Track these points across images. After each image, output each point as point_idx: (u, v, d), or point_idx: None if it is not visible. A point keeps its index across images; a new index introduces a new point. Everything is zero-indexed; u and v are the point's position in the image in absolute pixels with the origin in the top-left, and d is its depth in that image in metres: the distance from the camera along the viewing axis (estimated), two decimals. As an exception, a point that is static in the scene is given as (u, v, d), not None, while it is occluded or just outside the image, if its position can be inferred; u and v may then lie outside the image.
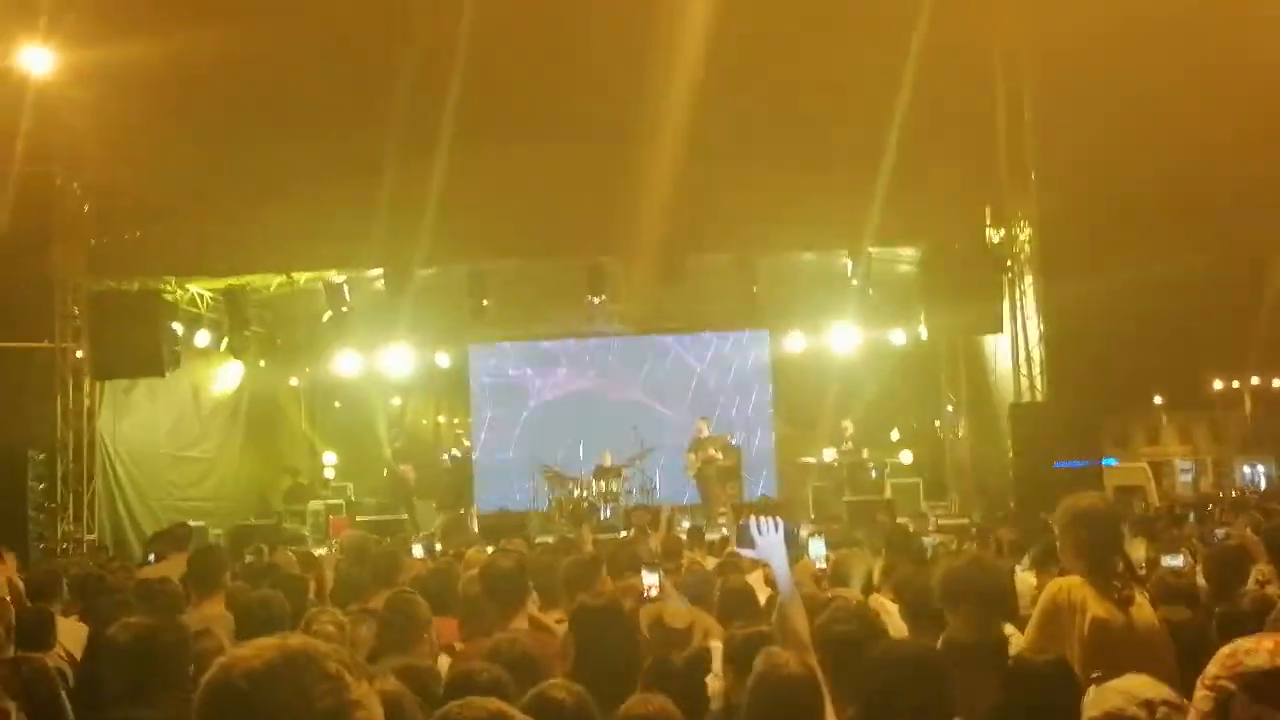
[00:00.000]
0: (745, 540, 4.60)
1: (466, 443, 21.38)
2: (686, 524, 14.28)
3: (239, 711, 1.74)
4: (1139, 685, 3.11)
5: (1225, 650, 2.40)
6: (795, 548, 5.76)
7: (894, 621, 5.11)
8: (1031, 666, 3.81)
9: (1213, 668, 2.43)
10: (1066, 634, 4.35)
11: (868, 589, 5.73)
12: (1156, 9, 14.77)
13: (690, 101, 15.09)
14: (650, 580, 5.80)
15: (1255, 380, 46.53)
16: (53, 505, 16.42)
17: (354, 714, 1.77)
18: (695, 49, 14.53)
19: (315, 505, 19.62)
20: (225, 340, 18.84)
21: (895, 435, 21.36)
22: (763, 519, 4.46)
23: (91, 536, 16.62)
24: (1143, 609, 4.49)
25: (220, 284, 18.16)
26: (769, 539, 4.45)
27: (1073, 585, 4.48)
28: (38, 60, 15.14)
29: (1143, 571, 6.06)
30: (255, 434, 21.04)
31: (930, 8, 15.02)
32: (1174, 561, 6.91)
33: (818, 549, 6.79)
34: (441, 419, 22.42)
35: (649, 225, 16.07)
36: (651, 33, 14.71)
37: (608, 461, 19.65)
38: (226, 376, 20.15)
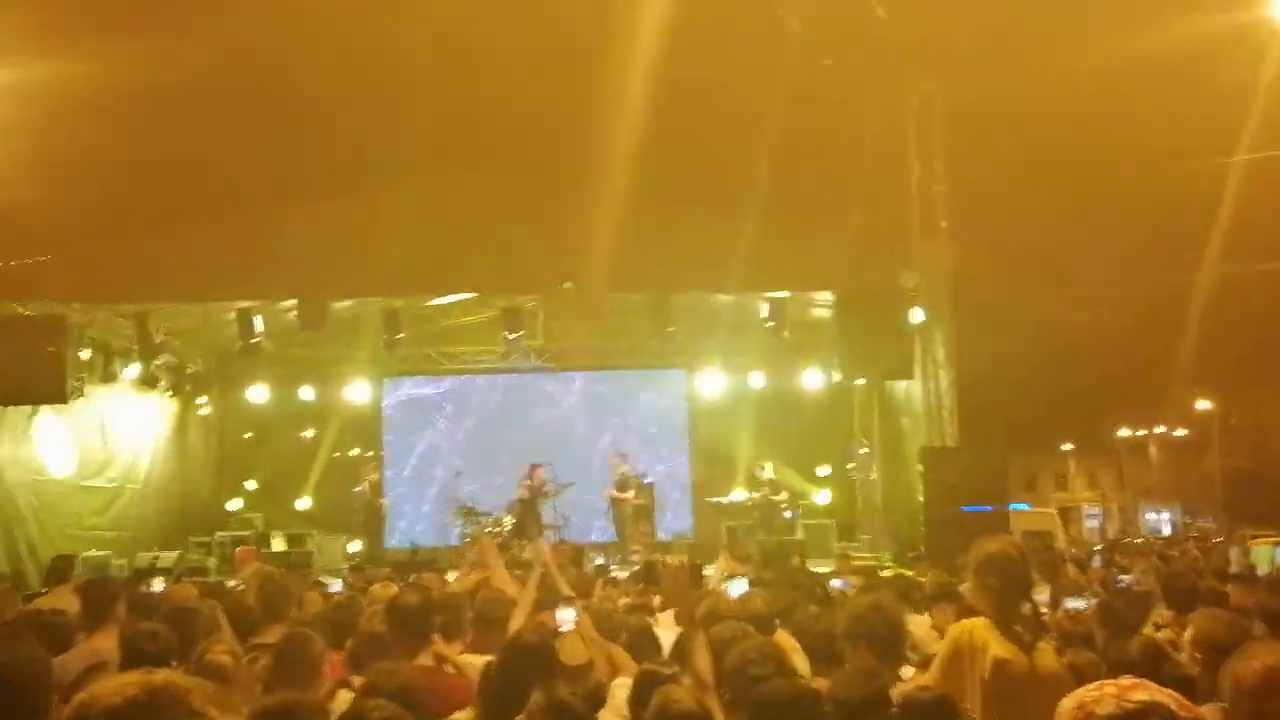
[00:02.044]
0: (650, 577, 4.62)
1: (376, 476, 21.12)
2: (599, 560, 14.25)
3: None
4: None
5: (1070, 703, 2.37)
6: (700, 587, 5.77)
7: (800, 660, 5.14)
8: (918, 703, 3.85)
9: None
10: (968, 675, 4.40)
11: (768, 629, 5.74)
12: (1069, 68, 15.17)
13: (611, 142, 15.17)
14: (564, 616, 5.76)
15: (1160, 429, 47.67)
16: (-53, 533, 15.95)
17: None
18: (618, 91, 14.63)
19: (222, 536, 19.28)
20: (134, 368, 18.49)
21: (822, 472, 21.51)
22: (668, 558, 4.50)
23: (-14, 566, 16.15)
24: (1045, 653, 4.55)
25: (130, 310, 17.82)
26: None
27: (976, 627, 4.54)
28: (-54, 78, 14.84)
29: (1045, 614, 6.15)
30: (162, 464, 20.64)
31: (848, 61, 15.29)
32: (1076, 604, 7.02)
33: (739, 589, 6.81)
34: (354, 452, 22.15)
35: (567, 263, 16.10)
36: (576, 73, 14.80)
37: (520, 497, 19.53)
38: (134, 404, 19.75)
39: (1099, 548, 21.41)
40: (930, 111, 16.80)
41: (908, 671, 5.17)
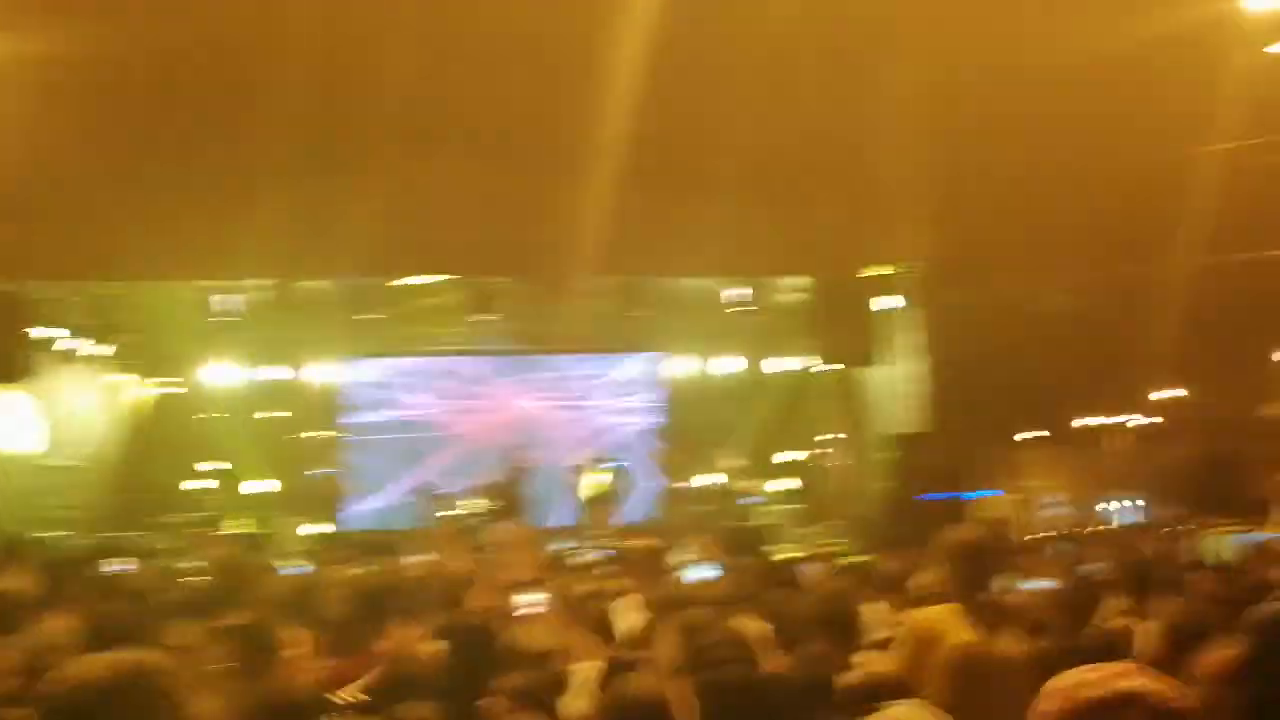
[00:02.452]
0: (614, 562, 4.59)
1: (336, 457, 21.01)
2: (564, 545, 14.23)
3: None
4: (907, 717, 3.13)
5: (1054, 689, 2.31)
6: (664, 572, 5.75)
7: (766, 644, 5.13)
8: (863, 686, 3.86)
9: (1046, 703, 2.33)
10: (929, 661, 4.38)
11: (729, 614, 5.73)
12: (1045, 55, 15.21)
13: (585, 123, 15.08)
14: (526, 600, 5.74)
15: (1122, 418, 47.99)
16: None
17: None
18: (591, 71, 14.53)
19: (180, 518, 19.14)
20: (95, 346, 18.31)
21: (782, 458, 21.56)
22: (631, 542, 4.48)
23: (-58, 545, 15.94)
24: (1006, 641, 4.55)
25: (90, 288, 17.62)
26: None
27: (938, 614, 4.54)
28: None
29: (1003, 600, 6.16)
30: (120, 444, 20.44)
31: (818, 47, 15.25)
32: (1032, 586, 7.06)
33: (702, 573, 6.83)
34: (316, 433, 22.01)
35: (534, 245, 16.03)
36: (551, 53, 14.68)
37: (484, 481, 19.48)
38: (95, 383, 19.55)
39: (1054, 535, 21.57)
40: (906, 97, 16.79)
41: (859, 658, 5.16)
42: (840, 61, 15.84)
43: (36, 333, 16.64)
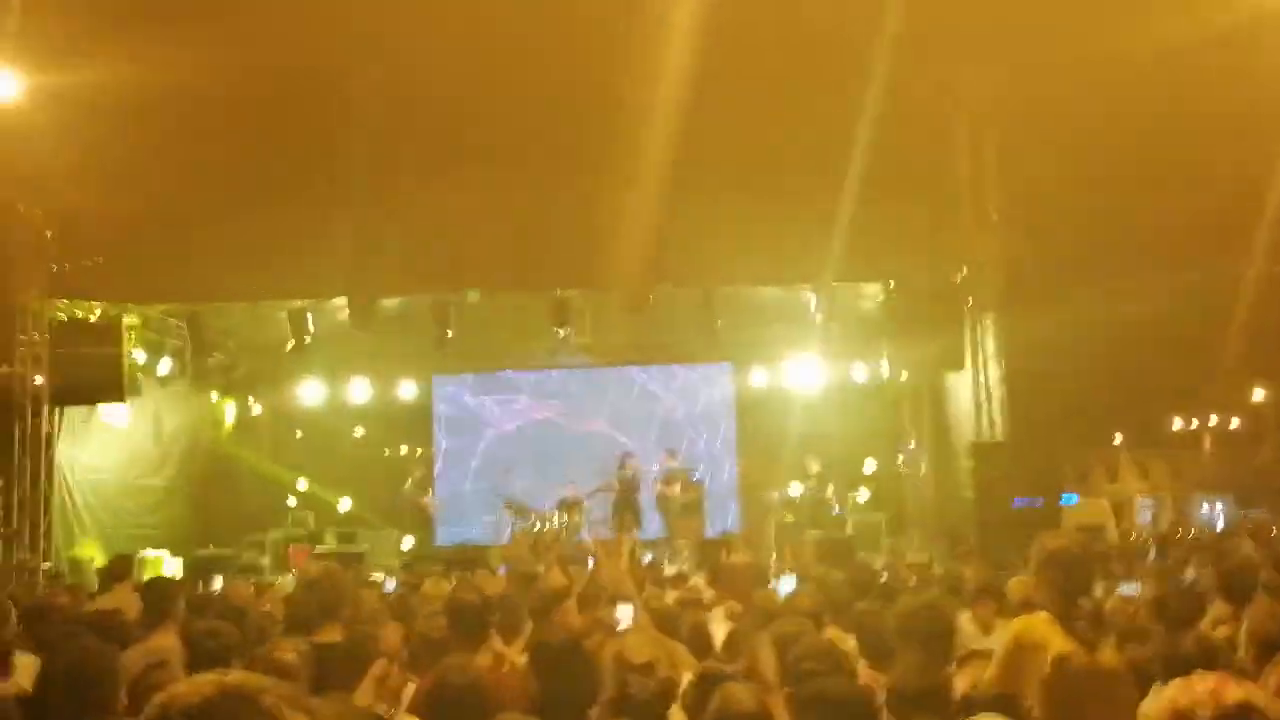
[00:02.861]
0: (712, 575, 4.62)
1: (421, 473, 21.23)
2: (649, 556, 14.28)
3: None
4: None
5: (1163, 703, 2.30)
6: (765, 584, 5.77)
7: (855, 657, 5.12)
8: (977, 702, 3.83)
9: None
10: (1029, 673, 4.36)
11: (818, 626, 5.73)
12: (1120, 54, 15.00)
13: (657, 135, 15.13)
14: (623, 613, 5.77)
15: (1214, 419, 47.00)
16: (8, 532, 16.18)
17: None
18: (663, 83, 14.59)
19: (275, 535, 19.46)
20: (187, 367, 18.72)
21: (869, 468, 21.38)
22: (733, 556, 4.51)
23: (48, 565, 16.38)
24: (1107, 651, 4.50)
25: (183, 311, 18.03)
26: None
27: (1036, 624, 4.50)
28: (2, 83, 15.03)
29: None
30: (215, 462, 20.86)
31: (896, 50, 15.17)
32: (1129, 590, 6.95)
33: (788, 586, 6.80)
34: (404, 449, 22.28)
35: (615, 258, 16.10)
36: (621, 66, 14.76)
37: (570, 494, 19.60)
38: (187, 404, 19.97)
39: (1151, 541, 21.17)
40: (981, 100, 16.65)
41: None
42: (914, 66, 15.75)
43: (132, 355, 17.06)
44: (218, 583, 11.59)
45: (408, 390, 21.72)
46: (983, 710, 3.82)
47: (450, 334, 17.86)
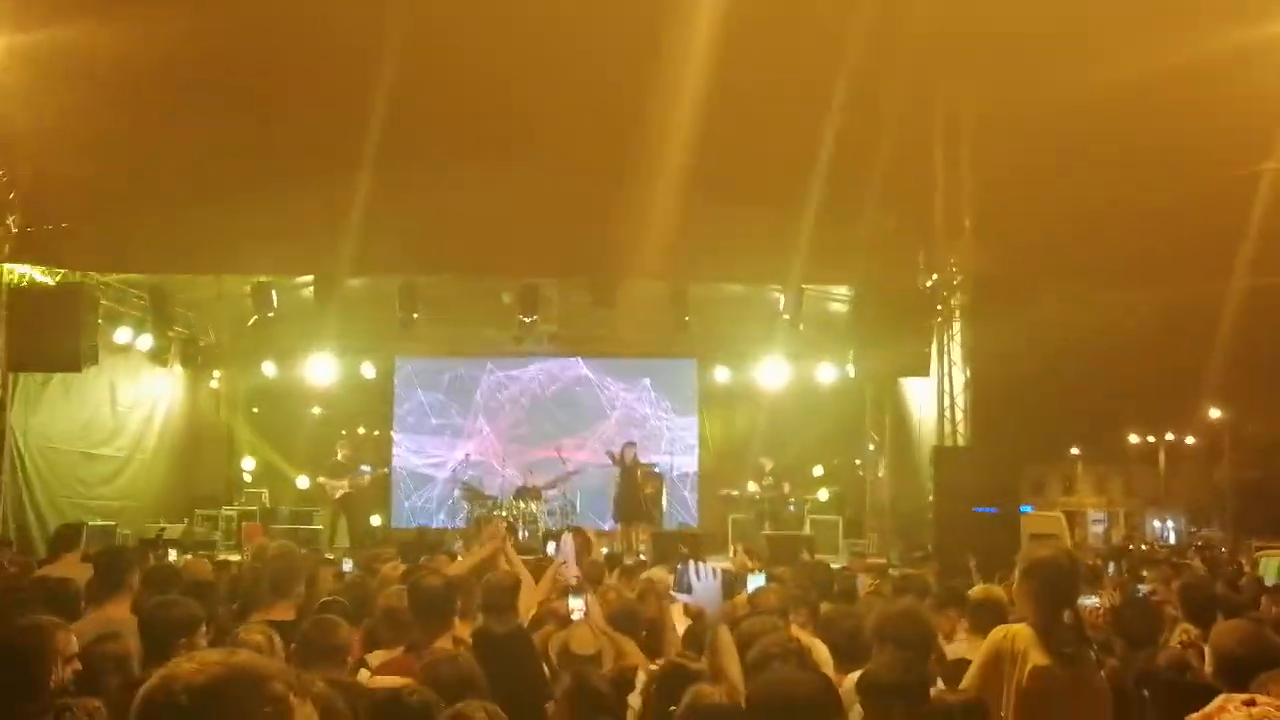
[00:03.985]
0: (683, 586, 4.58)
1: (342, 457, 21.04)
2: (605, 550, 14.21)
3: None
4: None
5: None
6: (730, 592, 5.74)
7: (820, 655, 5.10)
8: (946, 706, 3.80)
9: None
10: (1006, 680, 4.34)
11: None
12: (1098, 72, 15.11)
13: (630, 129, 15.08)
14: (575, 604, 5.73)
15: (1170, 436, 47.56)
16: (-43, 497, 15.96)
17: None
18: (638, 78, 14.54)
19: (228, 511, 19.30)
20: (147, 339, 18.51)
21: (819, 471, 21.46)
22: (701, 565, 4.45)
23: (-5, 531, 16.16)
24: (1087, 665, 4.47)
25: (146, 281, 17.82)
26: (706, 585, 4.44)
27: (1017, 633, 4.48)
28: (-28, 43, 14.80)
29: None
30: (171, 435, 20.64)
31: (875, 57, 15.19)
32: (1089, 602, 6.97)
33: (755, 583, 6.78)
34: (361, 430, 22.15)
35: (583, 248, 16.06)
36: (596, 58, 14.71)
37: (528, 483, 19.55)
38: (145, 375, 19.75)
39: (1104, 551, 21.36)
40: (957, 110, 16.70)
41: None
42: (892, 77, 15.79)
43: (94, 323, 16.83)
44: (171, 557, 11.42)
45: (369, 371, 21.60)
46: (959, 717, 3.79)
47: (415, 316, 17.74)
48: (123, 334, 18.08)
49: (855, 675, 4.43)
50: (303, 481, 21.02)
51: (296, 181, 16.12)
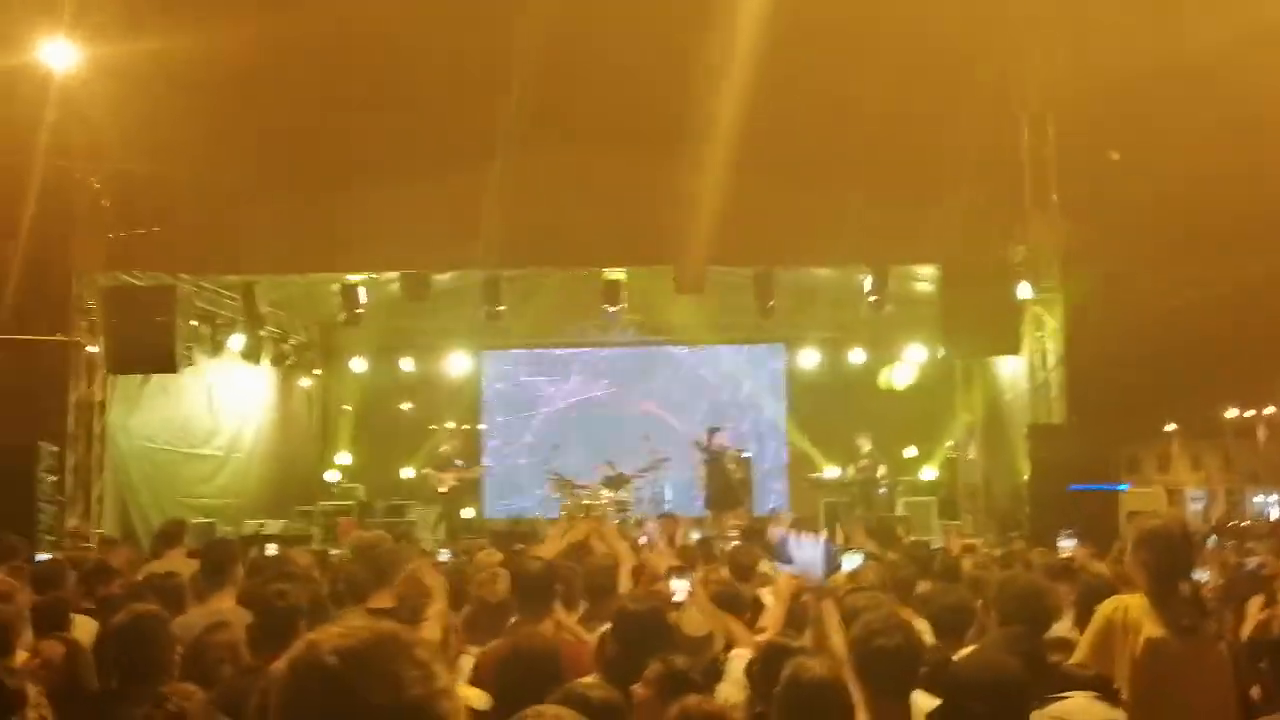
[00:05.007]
0: (782, 555, 4.53)
1: (446, 449, 21.22)
2: (696, 535, 14.18)
3: (327, 690, 1.67)
4: (1077, 710, 3.02)
5: None
6: (831, 564, 5.68)
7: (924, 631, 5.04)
8: (1072, 680, 3.72)
9: None
10: (1118, 653, 4.24)
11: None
12: (1184, 39, 14.78)
13: (711, 114, 15.03)
14: (679, 586, 5.71)
15: (1269, 410, 46.39)
16: (62, 498, 16.35)
17: (441, 703, 1.70)
18: (718, 63, 14.49)
19: (325, 506, 19.58)
20: (240, 339, 18.85)
21: (913, 452, 21.23)
22: (802, 534, 4.40)
23: (100, 530, 16.55)
24: (1204, 637, 4.35)
25: (236, 283, 18.14)
26: (808, 553, 4.39)
27: (1130, 605, 4.36)
28: (60, 54, 15.15)
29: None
30: (266, 434, 21.00)
31: (957, 32, 15.00)
32: (1199, 576, 6.81)
33: (853, 563, 6.71)
34: (451, 424, 22.36)
35: (667, 236, 16.03)
36: (676, 46, 14.68)
37: (617, 472, 19.59)
38: (239, 375, 20.11)
39: (1212, 529, 20.88)
40: (1043, 80, 16.41)
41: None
42: (974, 49, 15.56)
43: (187, 325, 17.19)
44: (270, 551, 11.60)
45: (458, 365, 21.81)
46: (1075, 689, 3.71)
47: (501, 309, 17.86)
48: (216, 335, 18.45)
49: (965, 652, 4.36)
50: (407, 472, 21.30)
51: (381, 179, 16.31)
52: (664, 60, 14.85)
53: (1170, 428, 49.30)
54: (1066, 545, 8.52)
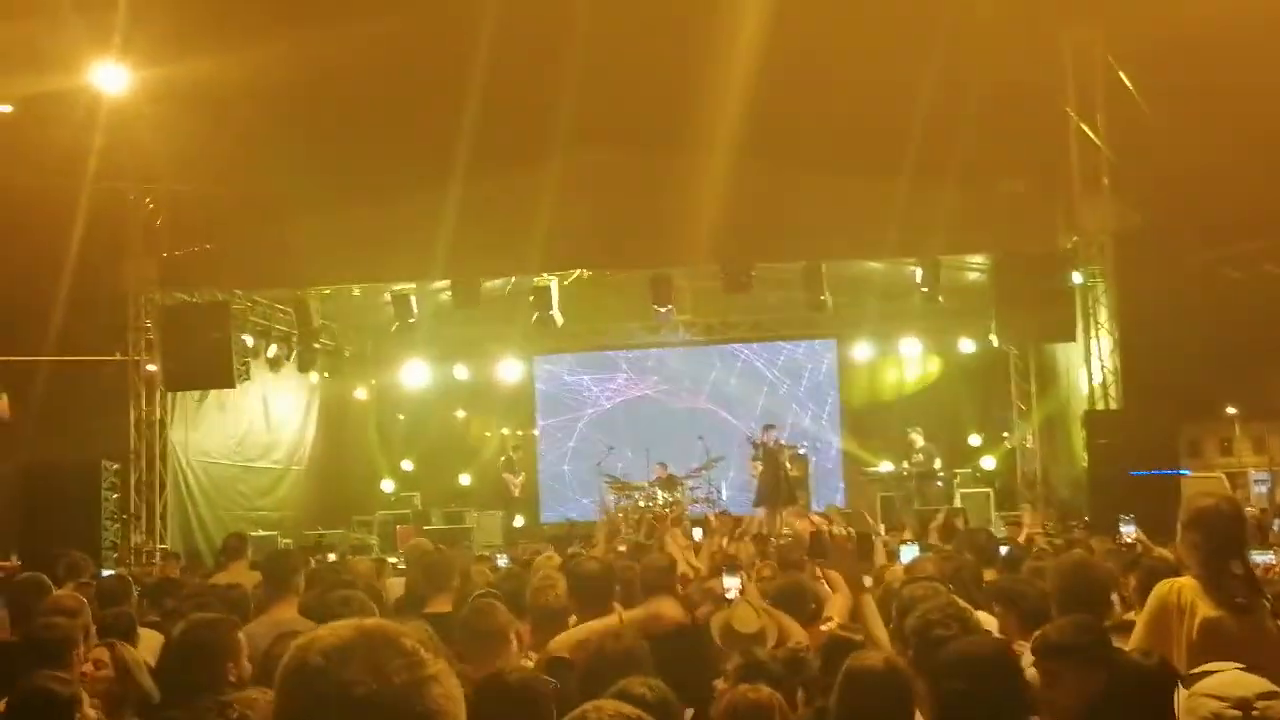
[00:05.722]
0: (818, 550, 4.54)
1: (521, 453, 21.38)
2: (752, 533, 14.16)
3: (315, 688, 1.73)
4: (1230, 683, 2.98)
5: None
6: (870, 558, 5.64)
7: (984, 622, 5.00)
8: (1139, 669, 3.68)
9: None
10: (1174, 635, 4.19)
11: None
12: (1232, 14, 14.57)
13: (757, 109, 15.03)
14: (731, 583, 5.71)
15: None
16: (126, 515, 16.60)
17: (430, 689, 1.74)
18: (761, 56, 14.46)
19: (382, 515, 19.74)
20: (294, 352, 19.05)
21: (976, 441, 21.04)
22: (835, 528, 4.41)
23: (164, 546, 16.80)
24: (1260, 616, 4.29)
25: (289, 296, 18.33)
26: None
27: (1184, 586, 4.31)
28: (112, 78, 15.39)
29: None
30: (322, 445, 21.20)
31: (1004, 16, 14.89)
32: (1264, 558, 6.71)
33: (910, 554, 6.68)
34: (505, 430, 22.47)
35: (715, 234, 16.01)
36: (716, 39, 14.67)
37: (670, 472, 19.57)
38: (295, 388, 20.32)
39: (1268, 511, 20.56)
40: (1089, 63, 16.23)
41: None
42: (1023, 32, 15.43)
43: (242, 340, 17.42)
44: (333, 558, 11.76)
45: (510, 371, 21.89)
46: (1139, 671, 3.67)
47: (551, 314, 17.91)
48: (271, 349, 18.67)
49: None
50: (464, 480, 21.46)
51: (428, 188, 16.42)
52: (707, 58, 14.85)
53: (1231, 410, 48.58)
54: (1128, 531, 8.43)
